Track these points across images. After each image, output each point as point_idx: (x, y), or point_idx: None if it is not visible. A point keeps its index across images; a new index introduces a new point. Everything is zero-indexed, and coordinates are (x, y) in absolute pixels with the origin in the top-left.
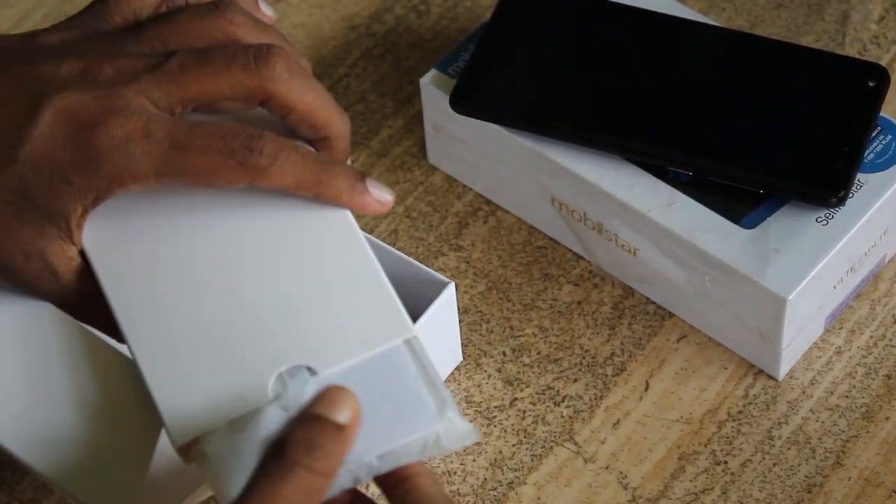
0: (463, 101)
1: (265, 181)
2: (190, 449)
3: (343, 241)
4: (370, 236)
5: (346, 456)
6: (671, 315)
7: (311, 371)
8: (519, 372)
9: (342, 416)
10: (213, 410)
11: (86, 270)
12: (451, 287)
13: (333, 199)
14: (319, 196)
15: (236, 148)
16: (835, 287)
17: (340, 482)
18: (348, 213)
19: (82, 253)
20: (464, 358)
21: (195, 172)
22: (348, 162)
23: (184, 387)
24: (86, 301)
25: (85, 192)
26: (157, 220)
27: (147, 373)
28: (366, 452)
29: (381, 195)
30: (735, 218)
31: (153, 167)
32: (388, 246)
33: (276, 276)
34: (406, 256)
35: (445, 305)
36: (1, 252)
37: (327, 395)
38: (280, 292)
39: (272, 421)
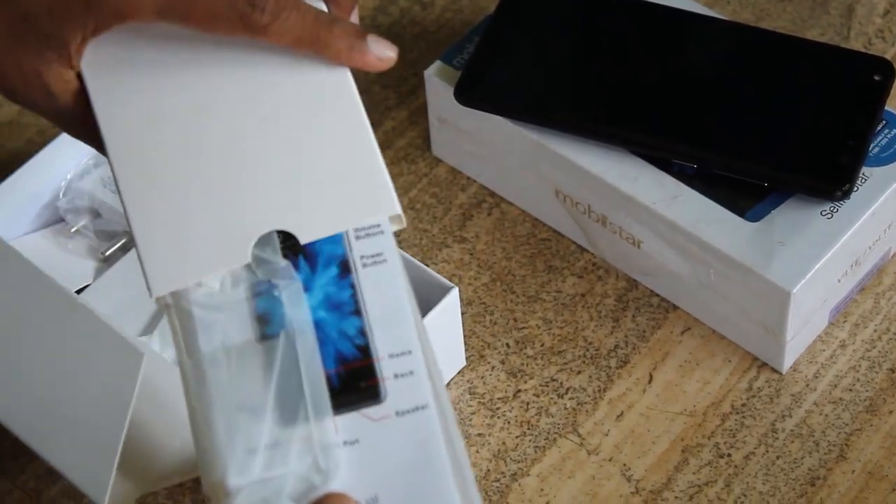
0: (467, 93)
1: (265, 38)
2: (166, 301)
3: (340, 105)
4: None
5: None
6: (675, 307)
7: (291, 243)
8: (522, 364)
9: None
10: (193, 266)
11: (82, 93)
12: (455, 292)
13: (333, 57)
14: (319, 54)
15: (239, 2)
16: (839, 280)
17: None
18: (348, 74)
19: (81, 77)
20: (467, 351)
21: (196, 19)
22: (354, 13)
23: (166, 237)
24: (83, 121)
25: (84, 22)
26: (159, 57)
27: (131, 215)
28: None
29: (381, 52)
30: (740, 211)
31: (155, 7)
32: None
33: (269, 134)
34: (409, 257)
35: (448, 309)
36: (2, 74)
37: (326, 502)
38: (271, 151)
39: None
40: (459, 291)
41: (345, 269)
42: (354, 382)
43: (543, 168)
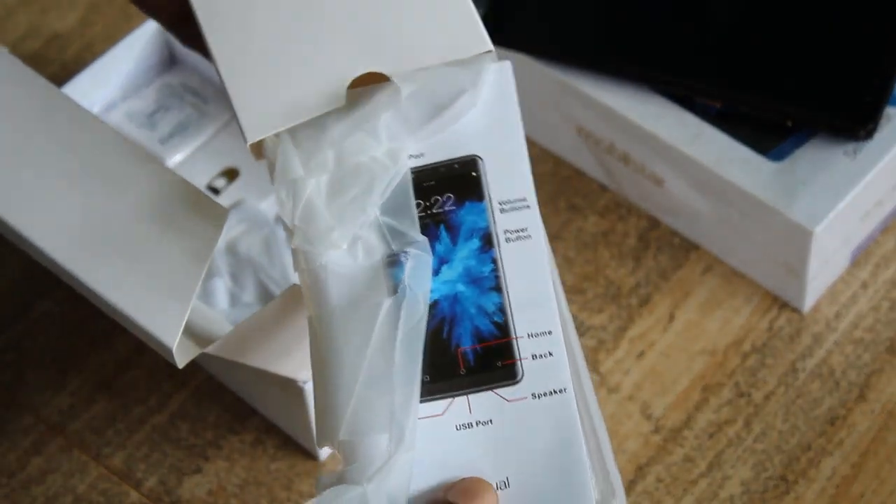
0: (490, 31)
1: None
2: (262, 148)
3: None
4: None
5: None
6: (697, 247)
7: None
8: None
9: None
10: (287, 110)
11: None
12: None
13: None
14: None
15: None
16: (861, 221)
17: None
18: None
19: None
20: None
21: None
22: None
23: (258, 85)
24: None
25: None
26: None
27: (221, 65)
28: None
29: None
30: (762, 150)
31: None
32: None
33: None
34: None
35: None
36: None
37: (465, 485)
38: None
39: None
40: None
41: (487, 242)
42: (491, 360)
43: (566, 106)
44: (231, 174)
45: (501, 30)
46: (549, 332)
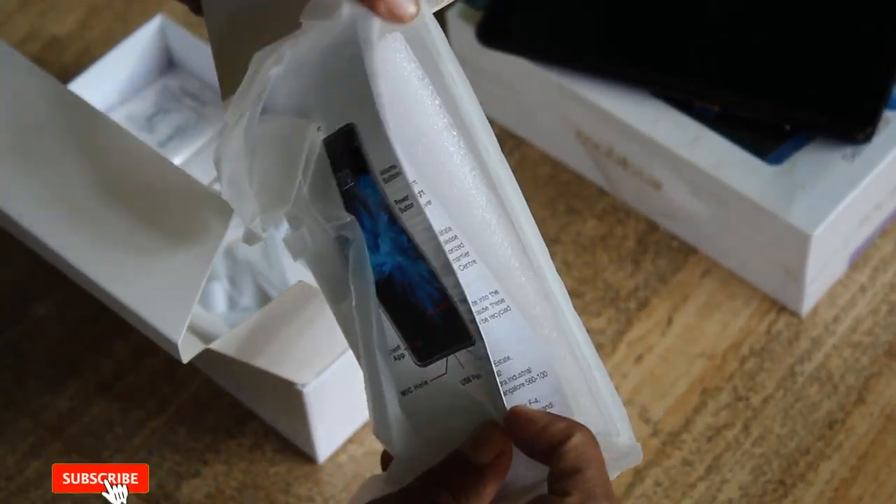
0: (489, 34)
1: None
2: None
3: None
4: None
5: (488, 493)
6: (695, 250)
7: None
8: None
9: (482, 456)
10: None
11: None
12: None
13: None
14: None
15: None
16: (860, 224)
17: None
18: None
19: None
20: None
21: None
22: None
23: (238, 46)
24: None
25: None
26: None
27: (212, 33)
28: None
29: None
30: (760, 153)
31: None
32: None
33: None
34: None
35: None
36: None
37: (474, 435)
38: None
39: None
40: None
41: (390, 214)
42: (451, 323)
43: (564, 109)
44: None
45: (501, 34)
46: (464, 300)
